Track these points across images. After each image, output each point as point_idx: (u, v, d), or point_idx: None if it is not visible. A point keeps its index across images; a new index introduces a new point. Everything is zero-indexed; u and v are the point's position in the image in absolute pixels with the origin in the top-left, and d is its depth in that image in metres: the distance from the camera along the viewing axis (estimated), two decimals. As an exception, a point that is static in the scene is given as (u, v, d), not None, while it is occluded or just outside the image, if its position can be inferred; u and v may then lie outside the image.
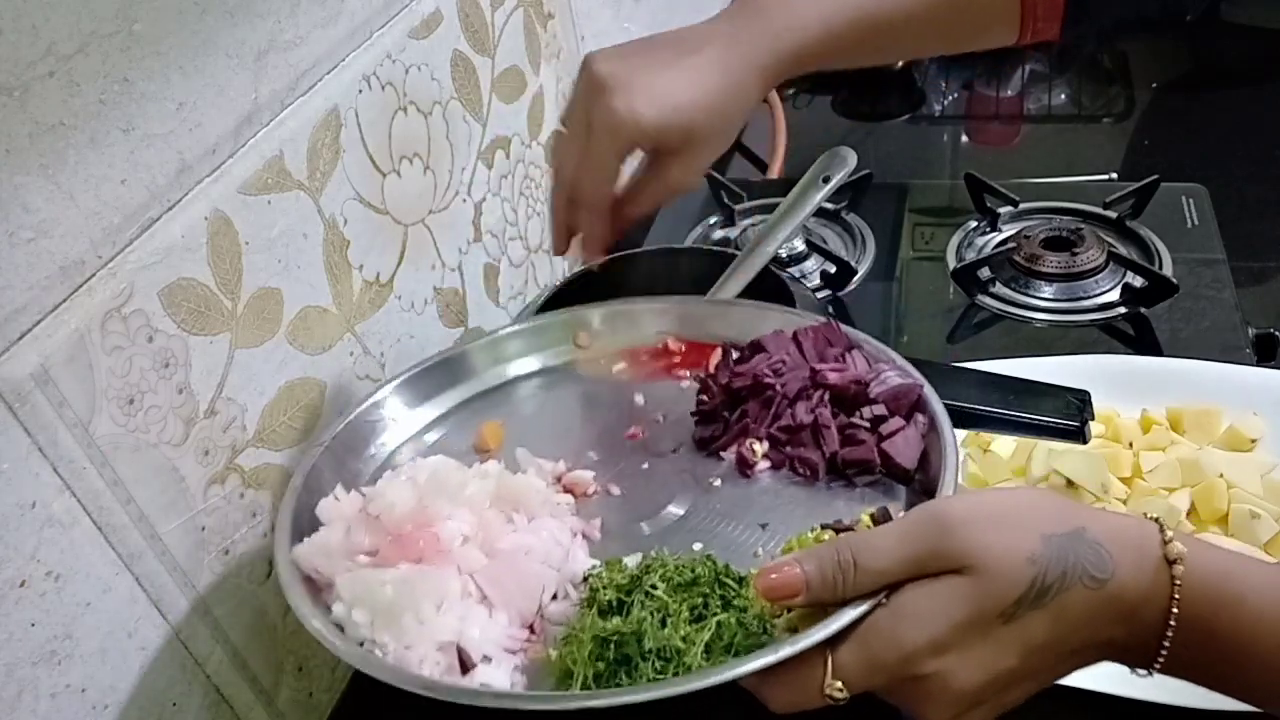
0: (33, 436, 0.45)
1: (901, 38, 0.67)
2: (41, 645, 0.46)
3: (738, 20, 0.63)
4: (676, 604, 0.46)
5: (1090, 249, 0.95)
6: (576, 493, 0.58)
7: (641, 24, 1.11)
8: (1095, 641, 0.43)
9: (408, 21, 0.69)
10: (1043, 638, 0.42)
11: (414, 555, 0.50)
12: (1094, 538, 0.42)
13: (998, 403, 0.61)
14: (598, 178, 0.62)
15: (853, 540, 0.44)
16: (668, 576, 0.48)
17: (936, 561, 0.42)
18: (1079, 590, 0.41)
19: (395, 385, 0.63)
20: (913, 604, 0.42)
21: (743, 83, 0.62)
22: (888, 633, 0.42)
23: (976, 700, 0.43)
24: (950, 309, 0.95)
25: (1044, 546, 0.41)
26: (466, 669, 0.47)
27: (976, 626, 0.42)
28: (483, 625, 0.48)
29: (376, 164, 0.67)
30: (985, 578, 0.42)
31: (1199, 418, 0.76)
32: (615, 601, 0.48)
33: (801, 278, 1.00)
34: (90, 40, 0.46)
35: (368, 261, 0.67)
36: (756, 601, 0.46)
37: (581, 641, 0.46)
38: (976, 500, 0.44)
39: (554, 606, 0.51)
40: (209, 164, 0.53)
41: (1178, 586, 0.41)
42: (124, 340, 0.49)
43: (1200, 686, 0.44)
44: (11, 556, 0.44)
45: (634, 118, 0.59)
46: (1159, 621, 0.42)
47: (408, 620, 0.47)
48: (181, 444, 0.53)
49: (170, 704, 0.53)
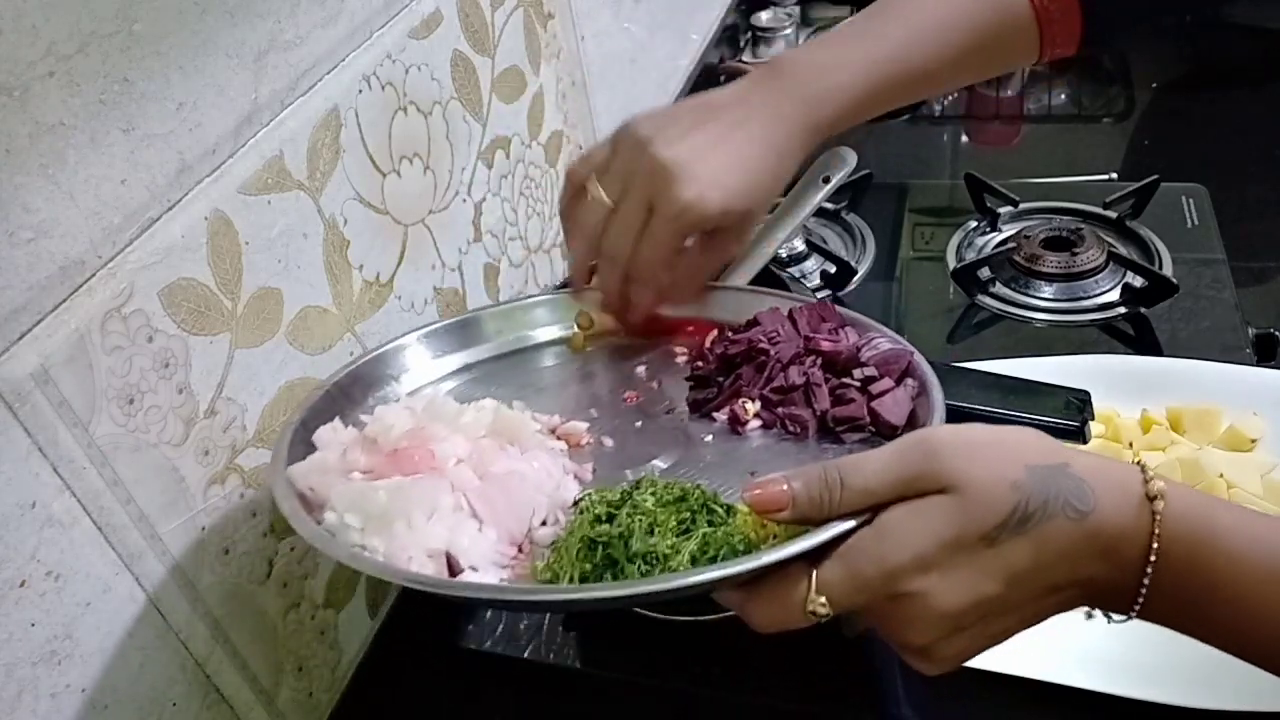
0: (33, 436, 0.45)
1: (932, 81, 0.68)
2: (41, 645, 0.46)
3: (773, 88, 0.64)
4: (665, 516, 0.48)
5: (1090, 249, 0.95)
6: (570, 442, 0.59)
7: (641, 24, 1.11)
8: (1076, 578, 0.43)
9: (408, 21, 0.69)
10: (1024, 565, 0.42)
11: (409, 469, 0.52)
12: (1077, 472, 0.43)
13: (998, 403, 0.61)
14: (661, 259, 0.62)
15: (841, 461, 0.45)
16: (656, 493, 0.50)
17: (922, 483, 0.43)
18: (1061, 520, 0.42)
19: (405, 340, 0.65)
20: (897, 522, 0.43)
21: (790, 154, 0.64)
22: (872, 549, 0.43)
23: (957, 625, 0.43)
24: (950, 309, 0.95)
25: (1028, 475, 0.42)
26: (453, 574, 0.48)
27: (960, 546, 0.42)
28: (472, 537, 0.50)
29: (376, 164, 0.67)
30: (969, 499, 0.42)
31: (1199, 418, 0.76)
32: (605, 515, 0.49)
33: (801, 278, 1.00)
34: (90, 40, 0.46)
35: (368, 261, 0.67)
36: (742, 529, 0.47)
37: (569, 545, 0.47)
38: (964, 429, 0.45)
39: (542, 531, 0.52)
40: (209, 164, 0.53)
41: (1158, 522, 0.42)
42: (124, 340, 0.49)
43: (1177, 632, 0.45)
44: (11, 556, 0.44)
45: (702, 206, 0.61)
46: (1139, 559, 0.42)
47: (399, 526, 0.48)
48: (181, 444, 0.53)
49: (170, 704, 0.53)
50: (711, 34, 1.35)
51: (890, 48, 0.65)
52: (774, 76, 0.65)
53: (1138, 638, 0.64)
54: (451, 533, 0.49)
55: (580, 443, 0.59)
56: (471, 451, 0.54)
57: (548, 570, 0.49)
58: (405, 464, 0.52)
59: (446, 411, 0.56)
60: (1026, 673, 0.62)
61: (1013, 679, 0.62)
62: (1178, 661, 0.62)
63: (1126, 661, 0.62)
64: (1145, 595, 0.43)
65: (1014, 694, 0.61)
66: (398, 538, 0.48)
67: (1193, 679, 0.60)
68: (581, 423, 0.60)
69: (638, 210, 0.62)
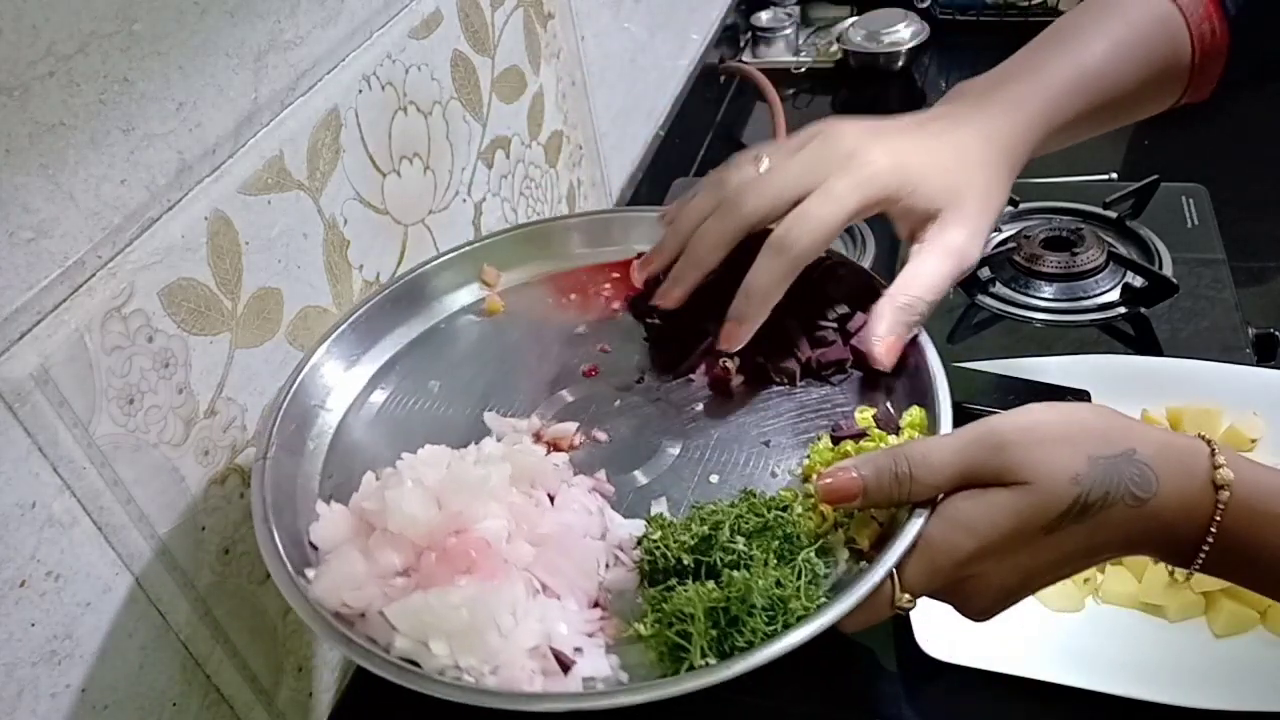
0: (33, 436, 0.45)
1: (1118, 110, 0.64)
2: (41, 645, 0.46)
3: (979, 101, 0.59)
4: (760, 552, 0.47)
5: (1090, 249, 0.95)
6: (560, 445, 0.55)
7: (641, 24, 1.11)
8: (1128, 548, 0.46)
9: (408, 21, 0.69)
10: (1080, 546, 0.45)
11: (465, 566, 0.46)
12: (1142, 457, 0.44)
13: (998, 403, 0.61)
14: (831, 218, 0.52)
15: (910, 451, 0.46)
16: (739, 527, 0.48)
17: (985, 473, 0.45)
18: (1120, 508, 0.44)
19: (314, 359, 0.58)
20: (965, 514, 0.45)
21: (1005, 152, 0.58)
22: (944, 543, 0.45)
23: (1011, 595, 0.47)
24: (950, 309, 0.95)
25: (1089, 467, 0.44)
26: (565, 667, 0.45)
27: (1021, 536, 0.45)
28: (562, 619, 0.46)
29: (376, 164, 0.67)
30: (1032, 494, 0.44)
31: (1199, 418, 0.76)
32: (693, 563, 0.47)
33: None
34: (90, 40, 0.46)
35: (368, 261, 0.67)
36: (804, 520, 0.48)
37: (695, 615, 0.45)
38: (1029, 420, 0.46)
39: (609, 576, 0.49)
40: (209, 164, 0.53)
41: (1220, 510, 0.44)
42: (124, 340, 0.49)
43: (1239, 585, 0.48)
44: (11, 556, 0.44)
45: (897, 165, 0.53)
46: (1197, 536, 0.44)
47: (491, 637, 0.44)
48: (181, 444, 0.53)
49: (170, 704, 0.53)
50: (711, 34, 1.35)
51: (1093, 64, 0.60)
52: (967, 93, 0.60)
53: (1138, 638, 0.64)
54: (542, 623, 0.45)
55: (573, 444, 0.55)
56: (514, 519, 0.49)
57: (660, 637, 0.45)
58: (460, 561, 0.46)
59: (469, 480, 0.50)
60: (1026, 673, 0.61)
61: (1013, 679, 0.62)
62: (1178, 661, 0.62)
63: (1126, 661, 0.62)
64: (1201, 563, 0.45)
65: (1014, 694, 0.61)
66: (495, 650, 0.44)
67: (1192, 679, 0.60)
68: (567, 424, 0.56)
69: (807, 168, 0.53)
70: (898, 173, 0.53)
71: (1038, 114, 0.59)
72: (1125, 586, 0.66)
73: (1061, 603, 0.66)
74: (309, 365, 0.57)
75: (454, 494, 0.49)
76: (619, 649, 0.47)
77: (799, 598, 0.45)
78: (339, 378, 0.59)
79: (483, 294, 0.65)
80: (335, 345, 0.59)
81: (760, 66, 1.38)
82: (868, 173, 0.53)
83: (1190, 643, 0.63)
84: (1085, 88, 0.60)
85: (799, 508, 0.49)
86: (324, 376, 0.58)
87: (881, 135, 0.55)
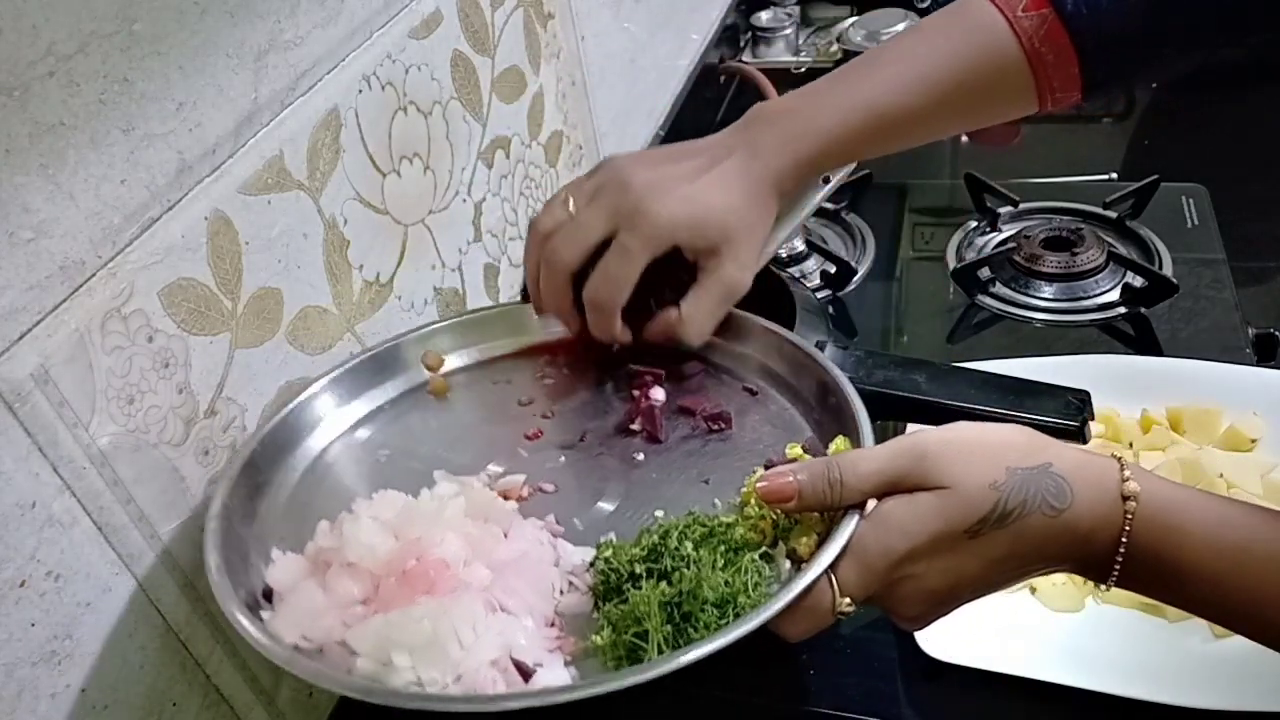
0: (33, 436, 0.45)
1: (917, 128, 0.67)
2: (41, 645, 0.46)
3: (753, 131, 0.64)
4: (709, 556, 0.49)
5: (1090, 249, 0.95)
6: (509, 495, 0.57)
7: (641, 24, 1.11)
8: (1051, 561, 0.49)
9: (408, 21, 0.69)
10: (1003, 552, 0.48)
11: (425, 587, 0.48)
12: (1059, 471, 0.48)
13: (998, 403, 0.61)
14: (627, 273, 0.60)
15: (842, 459, 0.50)
16: (687, 536, 0.51)
17: (911, 480, 0.48)
18: (1038, 516, 0.47)
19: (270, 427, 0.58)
20: (895, 516, 0.48)
21: (766, 190, 0.63)
22: (877, 544, 0.48)
23: (942, 600, 0.50)
24: (950, 309, 0.95)
25: (1007, 477, 0.47)
26: (527, 676, 0.46)
27: (947, 538, 0.48)
28: (522, 633, 0.48)
29: (376, 164, 0.67)
30: (954, 496, 0.47)
31: (1199, 418, 0.76)
32: (645, 571, 0.50)
33: (801, 278, 1.00)
34: (90, 40, 0.46)
35: (368, 261, 0.67)
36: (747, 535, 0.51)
37: (650, 613, 0.47)
38: (952, 434, 0.50)
39: (564, 601, 0.51)
40: (209, 164, 0.53)
41: (1129, 520, 0.47)
42: (124, 340, 0.49)
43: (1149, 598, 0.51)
44: (11, 556, 0.44)
45: (673, 215, 0.60)
46: (1110, 547, 0.47)
47: (452, 649, 0.45)
48: (181, 444, 0.53)
49: (170, 704, 0.53)
50: (711, 34, 1.35)
51: (876, 89, 0.64)
52: (753, 120, 0.65)
53: (1138, 638, 0.64)
54: (503, 636, 0.47)
55: (520, 495, 0.57)
56: (471, 545, 0.51)
57: (619, 643, 0.47)
58: (420, 582, 0.48)
59: (424, 511, 0.52)
60: (1026, 673, 0.62)
61: (1013, 679, 0.62)
62: (1177, 661, 0.62)
63: (1126, 661, 0.62)
64: (1116, 576, 0.48)
65: (1014, 694, 0.61)
66: (456, 661, 0.45)
67: (1191, 679, 0.60)
68: (515, 475, 0.58)
69: (601, 220, 0.61)
70: (678, 222, 0.60)
71: (809, 152, 0.64)
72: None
73: (1061, 603, 0.66)
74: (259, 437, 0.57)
75: (410, 525, 0.51)
76: (578, 664, 0.48)
77: (747, 594, 0.48)
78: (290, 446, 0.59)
79: (426, 377, 0.66)
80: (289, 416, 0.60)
81: (760, 66, 1.38)
82: (650, 229, 0.60)
83: (1190, 643, 0.63)
84: (874, 115, 0.64)
85: (740, 528, 0.51)
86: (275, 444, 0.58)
87: (664, 182, 0.61)
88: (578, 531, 0.55)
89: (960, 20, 0.65)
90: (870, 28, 1.37)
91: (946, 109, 0.66)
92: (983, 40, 0.64)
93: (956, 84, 0.64)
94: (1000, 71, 0.65)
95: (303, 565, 0.51)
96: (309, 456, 0.60)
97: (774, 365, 0.63)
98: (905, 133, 0.67)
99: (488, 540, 0.52)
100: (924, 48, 0.65)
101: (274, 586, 0.50)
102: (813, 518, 0.50)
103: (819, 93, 0.65)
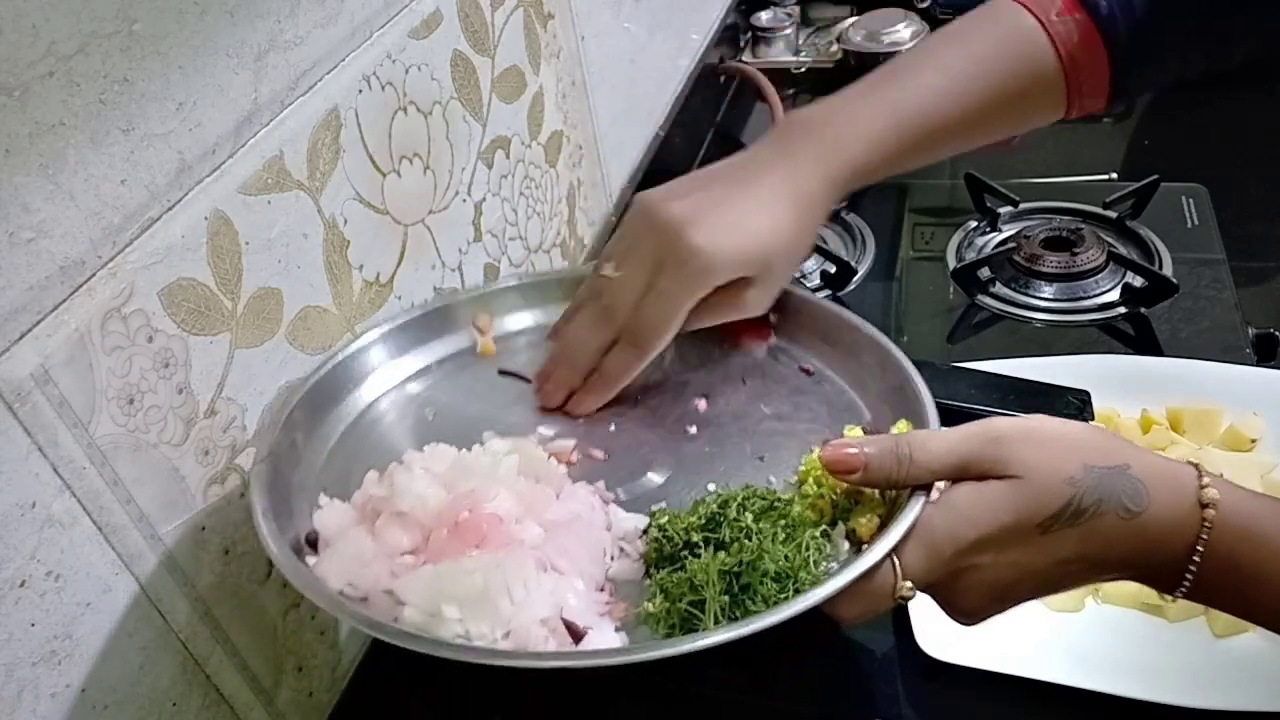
0: (33, 436, 0.45)
1: (953, 139, 0.66)
2: (41, 645, 0.46)
3: (790, 145, 0.62)
4: (770, 528, 0.48)
5: (1090, 249, 0.95)
6: (559, 459, 0.57)
7: (641, 24, 1.11)
8: (1121, 565, 0.47)
9: (408, 21, 0.69)
10: (1072, 551, 0.46)
11: (476, 540, 0.48)
12: (1136, 473, 0.46)
13: (998, 403, 0.61)
14: (670, 315, 0.58)
15: (912, 437, 0.48)
16: (747, 507, 0.50)
17: (982, 465, 0.47)
18: (1112, 518, 0.45)
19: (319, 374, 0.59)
20: (965, 501, 0.47)
21: (809, 207, 0.61)
22: (945, 528, 0.46)
23: (1003, 595, 0.48)
24: (950, 309, 0.95)
25: (1084, 474, 0.46)
26: (578, 637, 0.46)
27: (1019, 530, 0.46)
28: (575, 593, 0.47)
29: (376, 164, 0.67)
30: (1028, 488, 0.46)
31: (1199, 418, 0.76)
32: (702, 540, 0.49)
33: (801, 278, 1.00)
34: (90, 40, 0.46)
35: (368, 261, 0.67)
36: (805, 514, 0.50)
37: (709, 581, 0.46)
38: (1029, 423, 0.48)
39: (615, 566, 0.50)
40: (209, 164, 0.53)
41: (1207, 528, 0.45)
42: (124, 340, 0.49)
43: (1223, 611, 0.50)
44: (11, 556, 0.44)
45: (717, 250, 0.57)
46: (1185, 555, 0.45)
47: (503, 605, 0.45)
48: (181, 444, 0.53)
49: (170, 704, 0.53)
50: (711, 34, 1.35)
51: (913, 97, 0.62)
52: (789, 129, 0.63)
53: (1138, 638, 0.64)
54: (554, 596, 0.46)
55: (570, 460, 0.57)
56: (523, 502, 0.50)
57: (674, 610, 0.46)
58: (472, 536, 0.47)
59: (478, 465, 0.52)
60: (1026, 673, 0.62)
61: (1013, 679, 0.62)
62: (1177, 661, 0.62)
63: (1127, 661, 0.62)
64: (1188, 585, 0.46)
65: (1014, 694, 0.61)
66: (506, 617, 0.45)
67: (1192, 679, 0.60)
68: (565, 440, 0.57)
69: (645, 267, 0.58)
70: (723, 255, 0.57)
71: (850, 166, 0.61)
72: (1125, 586, 0.66)
73: (1062, 603, 0.66)
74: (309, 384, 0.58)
75: (464, 478, 0.50)
76: (628, 630, 0.47)
77: (808, 569, 0.46)
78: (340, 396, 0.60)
79: (475, 339, 0.66)
80: (336, 368, 0.60)
81: (760, 66, 1.38)
82: (689, 271, 0.57)
83: (1190, 643, 0.63)
84: (913, 126, 0.62)
85: (798, 505, 0.50)
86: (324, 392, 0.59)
87: (701, 211, 0.57)
88: (625, 501, 0.54)
89: (993, 25, 0.63)
90: (870, 28, 1.37)
91: (982, 117, 0.64)
92: (1017, 47, 0.63)
93: (992, 91, 0.63)
94: (1034, 78, 0.63)
95: (351, 513, 0.50)
96: (358, 408, 0.60)
97: (832, 346, 0.61)
98: (942, 143, 0.65)
99: (540, 499, 0.51)
100: (960, 55, 0.63)
101: (321, 532, 0.49)
102: (874, 499, 0.49)
103: (854, 103, 0.63)
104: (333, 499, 0.51)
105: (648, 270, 0.58)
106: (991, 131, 0.68)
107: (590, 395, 0.60)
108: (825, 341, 0.62)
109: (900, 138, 0.62)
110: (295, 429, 0.55)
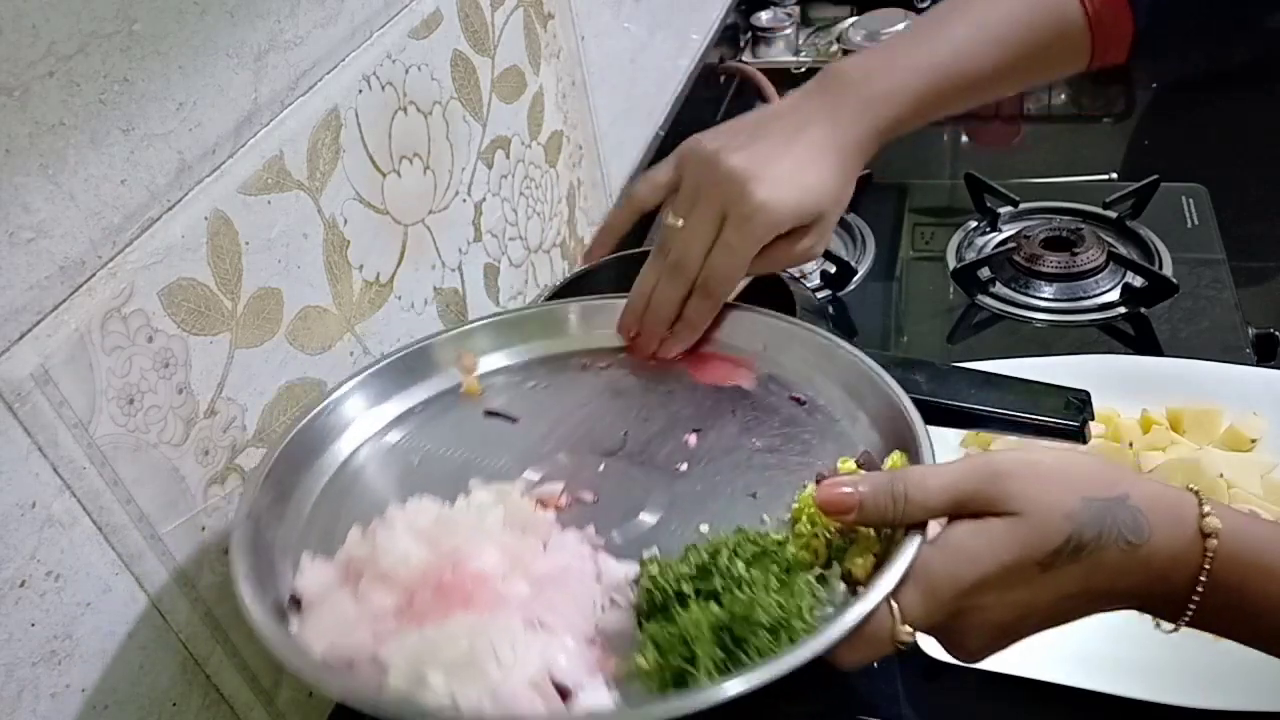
0: (33, 436, 0.45)
1: (988, 85, 0.68)
2: (41, 645, 0.46)
3: (832, 98, 0.65)
4: (761, 576, 0.46)
5: (1090, 249, 0.95)
6: (547, 504, 0.55)
7: (641, 24, 1.11)
8: (1124, 597, 0.46)
9: (408, 21, 0.69)
10: (1075, 587, 0.45)
11: (462, 600, 0.46)
12: (1135, 503, 0.45)
13: (998, 403, 0.61)
14: (737, 266, 0.61)
15: (908, 474, 0.47)
16: (739, 554, 0.48)
17: (979, 502, 0.46)
18: (1114, 551, 0.44)
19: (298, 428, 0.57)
20: (963, 541, 0.45)
21: (853, 155, 0.64)
22: (944, 570, 0.45)
23: (1006, 633, 0.47)
24: (950, 309, 0.95)
25: (1083, 507, 0.45)
26: (566, 699, 0.44)
27: (1020, 570, 0.45)
28: (563, 652, 0.45)
29: (376, 164, 0.67)
30: (1026, 525, 0.45)
31: (1199, 418, 0.76)
32: (694, 591, 0.47)
33: (801, 278, 1.00)
34: (90, 40, 0.46)
35: (368, 261, 0.67)
36: (799, 555, 0.48)
37: (700, 636, 0.45)
38: (1026, 456, 0.47)
39: (605, 619, 0.49)
40: (209, 164, 0.53)
41: (1209, 558, 0.44)
42: (124, 340, 0.49)
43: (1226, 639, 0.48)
44: (11, 556, 0.44)
45: (778, 205, 0.60)
46: (1188, 585, 0.45)
47: (490, 668, 0.43)
48: (181, 444, 0.53)
49: (170, 704, 0.53)
50: (711, 34, 1.35)
51: (949, 50, 0.65)
52: (830, 82, 0.65)
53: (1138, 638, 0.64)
54: (543, 655, 0.44)
55: (558, 504, 0.55)
56: (510, 557, 0.49)
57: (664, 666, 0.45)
58: (458, 595, 0.46)
59: (463, 521, 0.50)
60: (1026, 673, 0.61)
61: (1013, 679, 0.62)
62: (1178, 661, 0.62)
63: (1127, 661, 0.62)
64: (1191, 614, 0.46)
65: (1014, 694, 0.61)
66: (495, 680, 0.43)
67: (1193, 679, 0.60)
68: (553, 484, 0.56)
69: (711, 220, 0.61)
70: (784, 208, 0.60)
71: (890, 116, 0.64)
72: (1125, 586, 0.66)
73: (1061, 603, 0.66)
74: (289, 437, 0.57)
75: (447, 535, 0.49)
76: (620, 687, 0.46)
77: (801, 618, 0.45)
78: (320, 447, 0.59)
79: (459, 379, 0.65)
80: (316, 419, 0.59)
81: (760, 66, 1.38)
82: (754, 224, 0.60)
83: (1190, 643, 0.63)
84: (949, 77, 0.65)
85: (792, 546, 0.48)
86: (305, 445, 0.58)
87: (758, 164, 0.60)
88: (618, 544, 0.53)
89: None
90: (870, 28, 1.37)
91: (1011, 69, 0.67)
92: (1045, 1, 0.66)
93: (1021, 43, 0.66)
94: (1060, 34, 0.66)
95: (333, 573, 0.49)
96: (339, 458, 0.59)
97: (823, 374, 0.61)
98: (973, 94, 0.68)
99: (526, 552, 0.50)
100: (990, 9, 0.66)
101: (303, 595, 0.48)
102: (869, 538, 0.48)
103: (892, 58, 0.66)
104: (316, 558, 0.50)
105: (713, 223, 0.61)
106: (1017, 84, 0.73)
107: (677, 343, 0.65)
108: (815, 369, 0.61)
109: (936, 91, 0.65)
110: (276, 484, 0.54)
